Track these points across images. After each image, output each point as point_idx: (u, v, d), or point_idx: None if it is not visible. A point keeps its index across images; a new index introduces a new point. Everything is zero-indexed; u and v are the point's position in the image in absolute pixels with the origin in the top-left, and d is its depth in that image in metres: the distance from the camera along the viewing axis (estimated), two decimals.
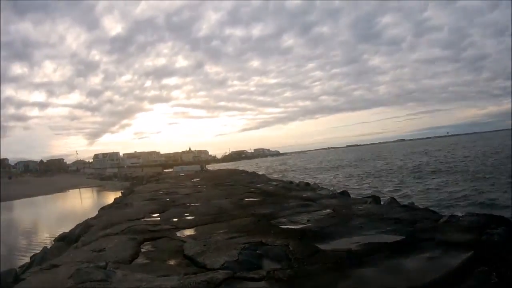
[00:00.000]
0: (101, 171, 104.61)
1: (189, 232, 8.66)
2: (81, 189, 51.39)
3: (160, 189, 21.41)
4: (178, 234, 8.44)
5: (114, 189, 45.11)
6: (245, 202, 13.10)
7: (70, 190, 49.02)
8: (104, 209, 17.46)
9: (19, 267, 10.02)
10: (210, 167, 67.71)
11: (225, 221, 9.56)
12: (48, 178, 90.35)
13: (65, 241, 11.72)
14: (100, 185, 58.39)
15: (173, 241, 7.69)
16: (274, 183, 20.46)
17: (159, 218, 10.82)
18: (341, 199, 13.32)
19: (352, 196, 16.29)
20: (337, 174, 43.88)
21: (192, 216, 10.81)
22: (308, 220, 8.92)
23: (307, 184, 20.57)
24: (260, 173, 38.68)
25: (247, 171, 39.54)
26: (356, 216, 9.00)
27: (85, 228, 11.40)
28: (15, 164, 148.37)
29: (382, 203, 12.86)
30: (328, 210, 10.18)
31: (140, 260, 6.44)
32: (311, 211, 10.26)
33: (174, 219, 10.36)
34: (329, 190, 16.97)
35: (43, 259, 8.16)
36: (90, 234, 9.65)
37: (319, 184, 22.25)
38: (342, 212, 9.76)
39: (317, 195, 14.28)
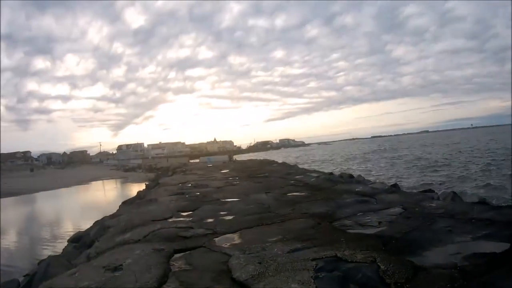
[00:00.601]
0: (124, 162, 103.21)
1: (232, 239, 6.68)
2: (104, 181, 50.06)
3: (188, 181, 19.56)
4: (218, 242, 6.51)
5: (138, 180, 43.57)
6: (290, 198, 11.09)
7: (92, 182, 47.70)
8: (125, 204, 15.86)
9: (24, 276, 8.39)
10: (237, 157, 65.54)
11: (275, 223, 7.61)
12: (71, 170, 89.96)
13: (79, 243, 10.10)
14: (124, 176, 56.79)
15: (213, 254, 5.79)
16: (314, 174, 18.35)
17: (190, 218, 8.86)
18: (402, 194, 11.16)
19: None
20: (372, 165, 41.49)
21: (230, 215, 8.84)
22: (379, 223, 7.10)
23: (351, 176, 18.43)
24: (292, 163, 36.57)
25: (278, 162, 37.40)
26: (436, 216, 7.16)
27: (101, 229, 9.58)
28: (38, 156, 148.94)
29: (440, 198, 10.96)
30: (397, 209, 8.29)
31: (171, 286, 4.50)
32: (376, 210, 8.35)
33: (209, 220, 8.43)
34: (383, 183, 14.79)
35: (45, 276, 6.27)
36: (107, 239, 7.78)
37: (363, 176, 20.01)
38: (416, 211, 7.89)
39: (371, 189, 12.11)
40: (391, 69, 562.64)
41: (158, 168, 59.51)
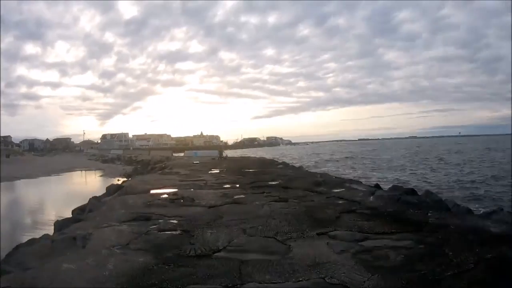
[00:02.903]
0: (105, 152, 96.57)
1: None
2: (75, 173, 43.61)
3: (165, 186, 13.17)
4: None
5: (113, 174, 37.34)
6: (399, 261, 4.66)
7: (62, 174, 40.98)
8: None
9: None
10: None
11: None
12: (49, 158, 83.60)
13: None
14: (100, 168, 49.96)
15: None
16: (359, 187, 11.90)
17: None
18: None
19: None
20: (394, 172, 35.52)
21: None
22: None
23: (413, 191, 11.85)
24: (294, 164, 30.23)
25: (278, 161, 30.71)
26: None
27: None
28: (21, 142, 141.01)
29: None
30: None
31: None
32: None
33: None
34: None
35: None
36: None
37: (432, 191, 13.42)
38: None
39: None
40: (381, 73, 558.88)
41: (138, 161, 53.00)
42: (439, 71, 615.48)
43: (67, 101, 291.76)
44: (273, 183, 13.43)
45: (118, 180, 29.82)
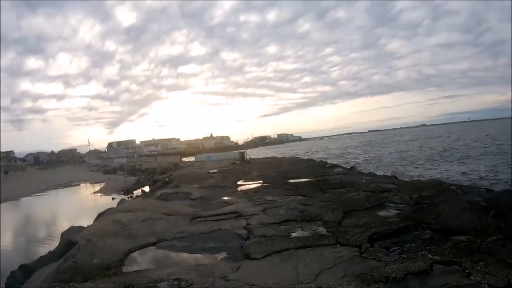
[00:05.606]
0: (107, 162, 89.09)
1: None
2: (70, 189, 37.03)
3: (161, 238, 6.00)
4: None
5: (112, 190, 30.42)
6: None
7: (51, 192, 34.11)
8: None
9: None
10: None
11: None
12: (51, 171, 77.24)
13: None
14: (100, 181, 42.31)
15: None
16: None
17: None
18: None
19: None
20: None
21: None
22: None
23: None
24: (343, 165, 22.78)
25: (326, 162, 22.71)
26: None
27: None
28: (25, 156, 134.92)
29: None
30: None
31: None
32: None
33: None
34: None
35: None
36: None
37: None
38: None
39: None
40: (385, 63, 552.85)
41: (142, 170, 46.35)
42: (443, 58, 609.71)
43: (73, 112, 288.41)
44: (391, 215, 6.08)
45: (113, 199, 23.76)
